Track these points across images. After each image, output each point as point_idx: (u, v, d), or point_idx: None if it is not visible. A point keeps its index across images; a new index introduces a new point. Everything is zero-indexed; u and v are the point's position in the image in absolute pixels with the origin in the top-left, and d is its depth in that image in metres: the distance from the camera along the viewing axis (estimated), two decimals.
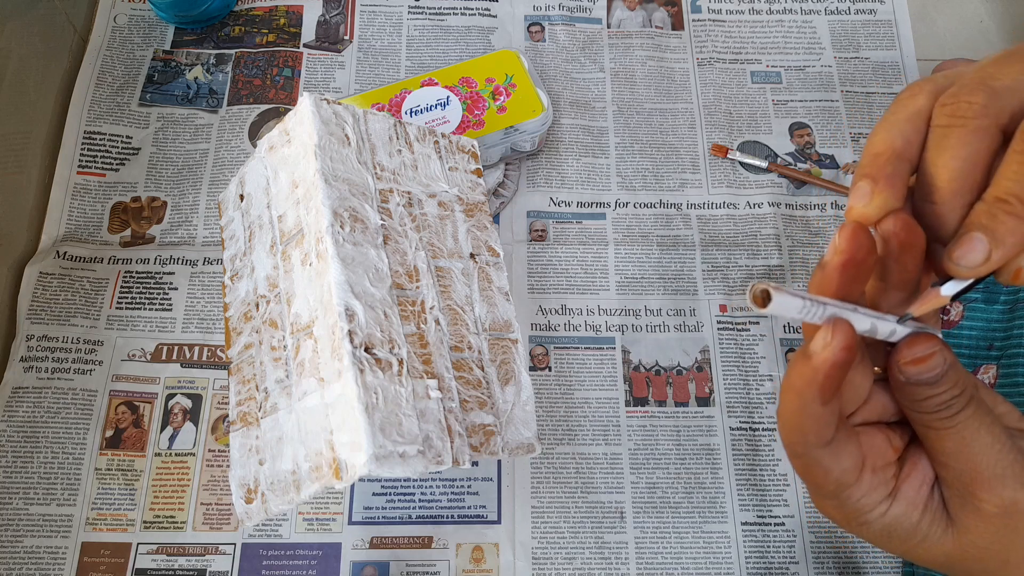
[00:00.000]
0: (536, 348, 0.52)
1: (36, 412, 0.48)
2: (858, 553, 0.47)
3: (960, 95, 0.21)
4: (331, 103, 0.39)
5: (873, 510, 0.23)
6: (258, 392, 0.39)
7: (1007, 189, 0.19)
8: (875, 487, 0.23)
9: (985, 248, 0.19)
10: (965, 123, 0.20)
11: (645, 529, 0.47)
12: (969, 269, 0.20)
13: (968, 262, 0.19)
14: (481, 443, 0.36)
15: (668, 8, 0.64)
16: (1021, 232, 0.19)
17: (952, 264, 0.20)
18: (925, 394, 0.22)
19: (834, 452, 0.23)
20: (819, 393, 0.21)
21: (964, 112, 0.21)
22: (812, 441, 0.22)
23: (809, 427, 0.22)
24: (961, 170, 0.20)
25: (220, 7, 0.61)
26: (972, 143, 0.20)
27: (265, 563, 0.46)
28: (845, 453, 0.23)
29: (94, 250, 0.53)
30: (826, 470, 0.23)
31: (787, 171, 0.57)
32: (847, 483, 0.23)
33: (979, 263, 0.19)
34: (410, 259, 0.39)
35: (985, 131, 0.20)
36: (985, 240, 0.19)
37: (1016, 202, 0.19)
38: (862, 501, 0.23)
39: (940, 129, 0.21)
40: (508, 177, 0.56)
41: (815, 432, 0.22)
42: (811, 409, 0.22)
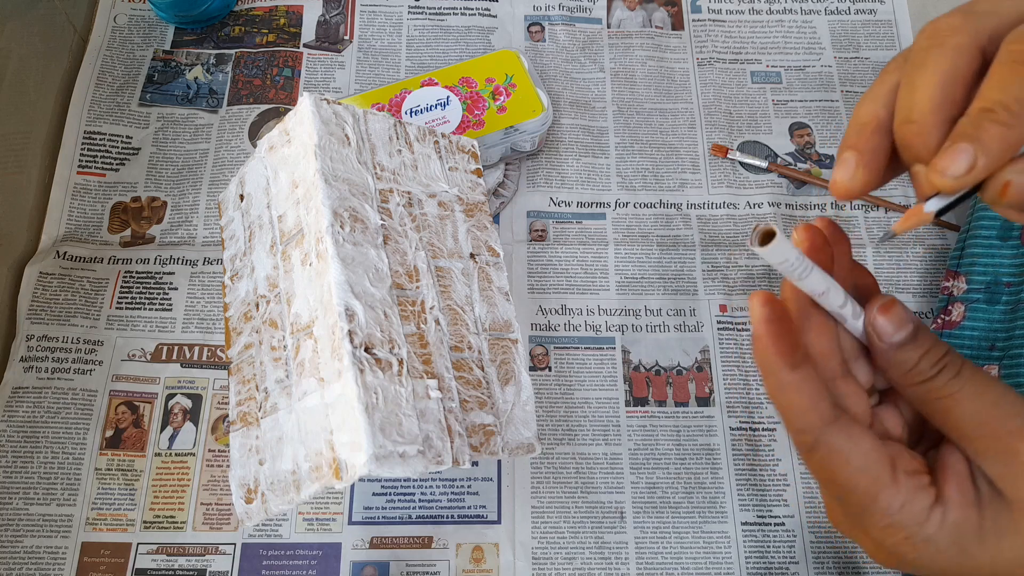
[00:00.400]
0: (536, 348, 0.52)
1: (36, 412, 0.48)
2: (858, 553, 0.47)
3: (940, 18, 0.21)
4: (331, 103, 0.39)
5: (927, 521, 0.22)
6: (258, 392, 0.39)
7: (991, 98, 0.19)
8: (916, 491, 0.22)
9: (971, 156, 0.19)
10: (943, 41, 0.20)
11: (645, 529, 0.47)
12: (955, 179, 0.19)
13: (954, 171, 0.19)
14: (481, 443, 0.36)
15: (668, 8, 0.64)
16: (1008, 139, 0.19)
17: (937, 175, 0.19)
18: (913, 358, 0.22)
19: (845, 432, 0.22)
20: (780, 357, 0.21)
21: (942, 31, 0.21)
22: (812, 418, 0.22)
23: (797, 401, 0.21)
24: (941, 86, 0.20)
25: (220, 7, 0.61)
26: (951, 60, 0.20)
27: (265, 563, 0.46)
28: (858, 435, 0.22)
29: (94, 250, 0.53)
30: (846, 458, 0.21)
31: (787, 171, 0.57)
32: (882, 479, 0.22)
33: (964, 171, 0.19)
34: (410, 259, 0.39)
35: (964, 49, 0.20)
36: (971, 148, 0.19)
37: (1001, 110, 0.19)
38: (909, 510, 0.22)
39: (919, 51, 0.21)
40: (508, 177, 0.56)
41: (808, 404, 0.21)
42: (787, 379, 0.21)
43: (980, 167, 0.19)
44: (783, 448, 0.49)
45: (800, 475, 0.49)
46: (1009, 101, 0.19)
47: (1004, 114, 0.19)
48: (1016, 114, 0.19)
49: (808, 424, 0.22)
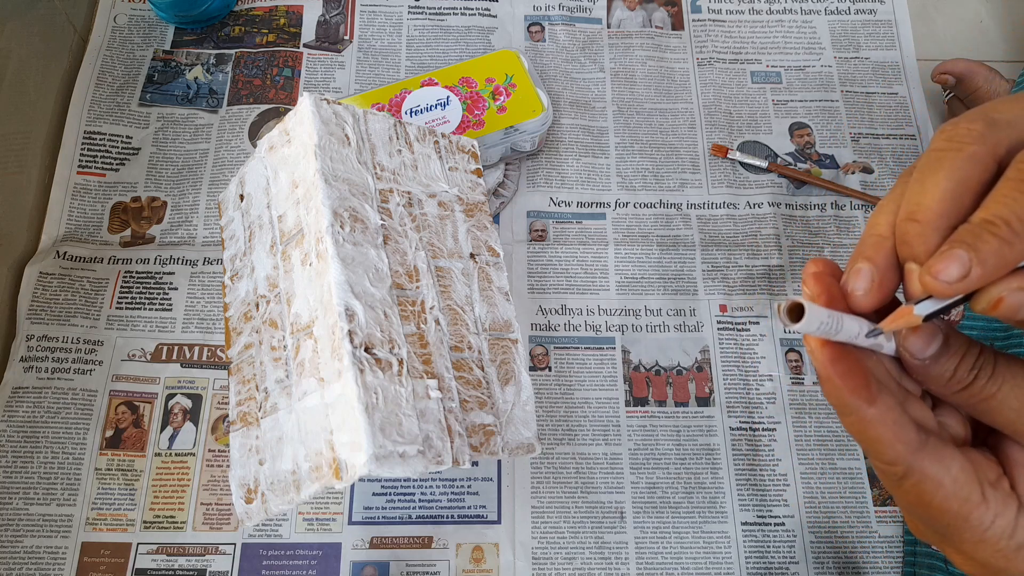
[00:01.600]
0: (536, 348, 0.52)
1: (36, 412, 0.48)
2: (858, 553, 0.47)
3: (960, 122, 0.21)
4: (331, 103, 0.39)
5: (1017, 529, 0.21)
6: (258, 392, 0.39)
7: (995, 212, 0.19)
8: (1004, 502, 0.22)
9: (966, 265, 0.19)
10: (960, 147, 0.20)
11: (645, 529, 0.47)
12: (948, 285, 0.19)
13: (947, 277, 0.19)
14: (481, 443, 0.36)
15: (668, 8, 0.64)
16: (1005, 255, 0.19)
17: (930, 278, 0.19)
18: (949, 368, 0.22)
19: (935, 456, 0.21)
20: (855, 395, 0.21)
21: (961, 137, 0.20)
22: (901, 449, 0.21)
23: (883, 435, 0.21)
24: (951, 192, 0.20)
25: (220, 7, 0.61)
26: (965, 168, 0.20)
27: (265, 563, 0.46)
28: (948, 456, 0.22)
29: (94, 250, 0.53)
30: (938, 483, 0.21)
31: (787, 171, 0.57)
32: (972, 500, 0.21)
33: (958, 279, 0.19)
34: (410, 259, 0.39)
35: (980, 159, 0.20)
36: (967, 257, 0.19)
37: (1003, 224, 0.19)
38: (999, 524, 0.21)
39: (935, 152, 0.21)
40: (508, 177, 0.56)
41: (894, 437, 0.21)
42: (868, 416, 0.21)
43: (974, 277, 0.19)
44: (783, 448, 0.49)
45: (800, 475, 0.49)
46: (1011, 218, 0.19)
47: (1005, 229, 0.19)
48: (1017, 232, 0.19)
49: (897, 455, 0.21)
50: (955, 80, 0.57)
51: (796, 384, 0.51)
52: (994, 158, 0.20)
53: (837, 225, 0.56)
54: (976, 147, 0.20)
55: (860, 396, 0.21)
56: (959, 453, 0.22)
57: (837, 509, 0.48)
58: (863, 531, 0.47)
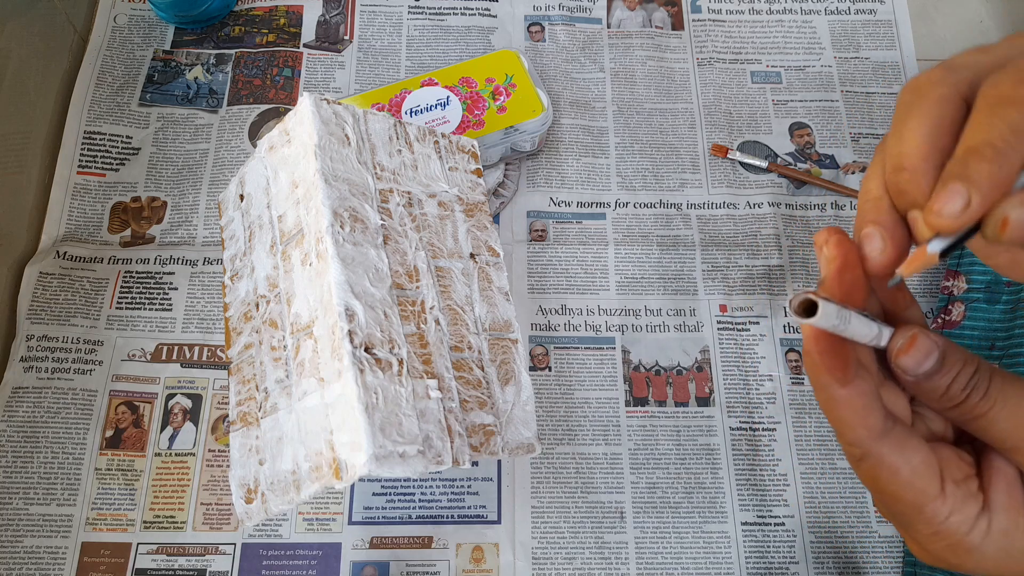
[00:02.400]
0: (536, 348, 0.52)
1: (36, 412, 0.48)
2: (858, 553, 0.47)
3: (920, 74, 0.22)
4: (331, 103, 0.39)
5: (973, 529, 0.22)
6: (258, 392, 0.39)
7: (976, 138, 0.20)
8: (964, 500, 0.22)
9: (964, 195, 0.19)
10: (926, 93, 0.21)
11: (645, 529, 0.47)
12: (952, 218, 0.19)
13: (949, 210, 0.19)
14: (481, 443, 0.36)
15: (668, 8, 0.64)
16: (997, 175, 0.19)
17: (934, 216, 0.20)
18: (942, 386, 0.22)
19: (896, 445, 0.22)
20: (831, 374, 0.21)
21: (923, 84, 0.21)
22: (862, 433, 0.22)
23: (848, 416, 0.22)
24: (928, 134, 0.21)
25: (220, 7, 0.61)
26: (935, 109, 0.21)
27: (265, 563, 0.46)
28: (910, 448, 0.22)
29: (94, 250, 0.53)
30: (895, 470, 0.22)
31: (787, 171, 0.57)
32: (929, 492, 0.22)
33: (960, 210, 0.19)
34: (410, 259, 0.39)
35: (947, 99, 0.21)
36: (963, 187, 0.19)
37: (987, 147, 0.19)
38: (955, 519, 0.22)
39: (904, 104, 0.22)
40: (508, 177, 0.56)
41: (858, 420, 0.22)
42: (837, 395, 0.22)
43: (975, 204, 0.19)
44: (783, 448, 0.49)
45: (800, 475, 0.49)
46: (993, 139, 0.19)
47: (990, 151, 0.19)
48: (1001, 151, 0.19)
49: (857, 438, 0.22)
50: None
51: (796, 384, 0.51)
52: (960, 96, 0.21)
53: (837, 225, 0.56)
54: (940, 89, 0.21)
55: (835, 375, 0.21)
56: (924, 446, 0.22)
57: (837, 509, 0.48)
58: (863, 531, 0.47)
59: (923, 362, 0.22)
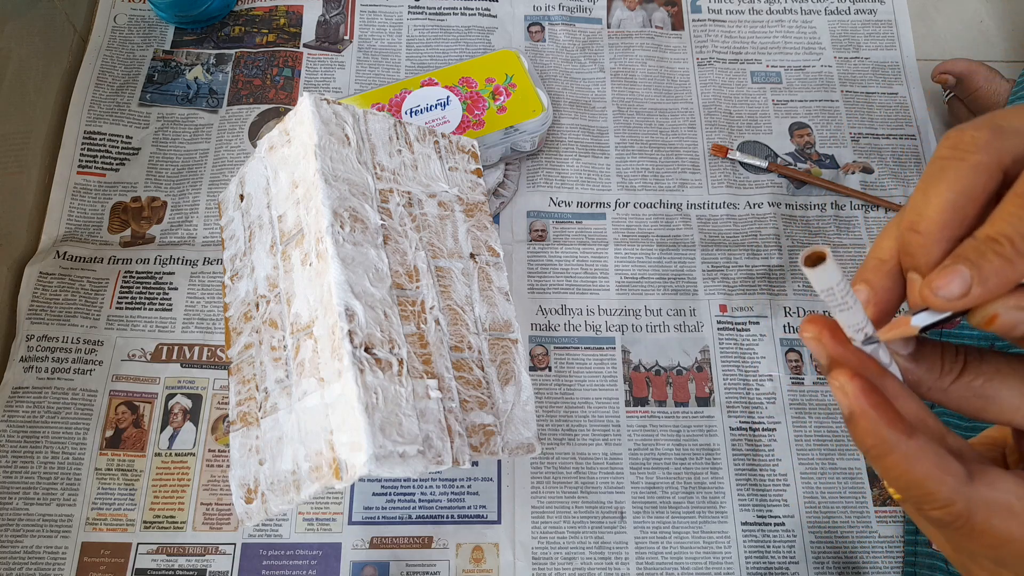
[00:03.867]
0: (536, 348, 0.52)
1: (36, 412, 0.48)
2: (858, 553, 0.47)
3: (966, 129, 0.20)
4: (331, 103, 0.39)
5: None
6: (258, 392, 0.39)
7: (1000, 230, 0.19)
8: None
9: (967, 282, 0.19)
10: (965, 156, 0.20)
11: (645, 529, 0.47)
12: (947, 300, 0.19)
13: (947, 293, 0.19)
14: (481, 443, 0.36)
15: (668, 8, 0.64)
16: (1006, 274, 0.18)
17: (930, 293, 0.19)
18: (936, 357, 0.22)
19: (988, 483, 0.20)
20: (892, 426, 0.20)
21: (966, 145, 0.20)
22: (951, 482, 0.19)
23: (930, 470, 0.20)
24: (953, 203, 0.20)
25: (220, 7, 0.61)
26: (969, 177, 0.20)
27: (265, 563, 0.46)
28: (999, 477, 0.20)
29: (94, 250, 0.53)
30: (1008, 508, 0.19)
31: (787, 171, 0.57)
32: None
33: (958, 296, 0.19)
34: (410, 259, 0.39)
35: (985, 168, 0.20)
36: (969, 275, 0.19)
37: (1007, 243, 0.18)
38: None
39: (939, 160, 0.20)
40: (508, 177, 0.56)
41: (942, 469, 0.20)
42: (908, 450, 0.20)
43: (974, 295, 0.19)
44: (783, 448, 0.49)
45: (800, 475, 0.49)
46: (1015, 236, 0.18)
47: (1008, 248, 0.18)
48: (1020, 251, 0.18)
49: (952, 491, 0.20)
50: (955, 80, 0.57)
51: (796, 384, 0.51)
52: (1000, 167, 0.20)
53: (837, 225, 0.56)
54: (981, 156, 0.20)
55: (898, 428, 0.20)
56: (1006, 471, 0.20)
57: (837, 509, 0.48)
58: (863, 531, 0.47)
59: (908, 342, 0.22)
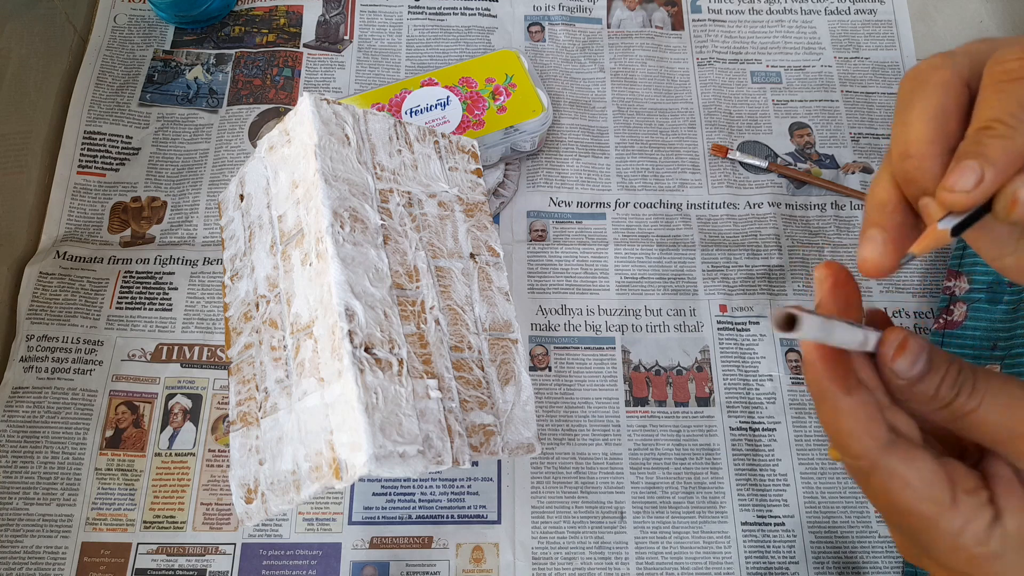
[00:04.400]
0: (536, 348, 0.52)
1: (36, 412, 0.48)
2: (858, 553, 0.47)
3: (919, 64, 0.22)
4: (331, 103, 0.39)
5: (990, 538, 0.21)
6: (258, 392, 0.39)
7: (987, 116, 0.20)
8: (977, 510, 0.21)
9: (977, 170, 0.19)
10: (928, 79, 0.21)
11: (645, 529, 0.47)
12: (965, 193, 0.19)
13: (964, 185, 0.19)
14: (481, 443, 0.36)
15: (668, 8, 0.64)
16: (1010, 150, 0.19)
17: (947, 192, 0.20)
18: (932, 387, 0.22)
19: (904, 456, 0.22)
20: (834, 383, 0.21)
21: (925, 72, 0.22)
22: (868, 443, 0.22)
23: (850, 426, 0.22)
24: (933, 120, 0.21)
25: (220, 7, 0.61)
26: (939, 94, 0.21)
27: (265, 563, 0.46)
28: (919, 459, 0.22)
29: (94, 250, 0.53)
30: (906, 481, 0.21)
31: (787, 171, 0.57)
32: (943, 503, 0.21)
33: (974, 184, 0.19)
34: (410, 259, 0.39)
35: (950, 84, 0.21)
36: (976, 163, 0.19)
37: (999, 124, 0.19)
38: (971, 530, 0.21)
39: (906, 93, 0.22)
40: (508, 177, 0.56)
41: (863, 429, 0.22)
42: (841, 404, 0.22)
43: (988, 179, 0.19)
44: (783, 448, 0.49)
45: (800, 475, 0.49)
46: (1003, 116, 0.19)
47: (1002, 127, 0.19)
48: (1013, 126, 0.19)
49: (864, 448, 0.22)
50: None
51: (796, 384, 0.51)
52: (961, 80, 0.21)
53: (837, 225, 0.56)
54: (942, 74, 0.21)
55: (838, 383, 0.21)
56: (931, 457, 0.22)
57: (837, 509, 0.48)
58: (863, 531, 0.47)
59: (915, 364, 0.22)
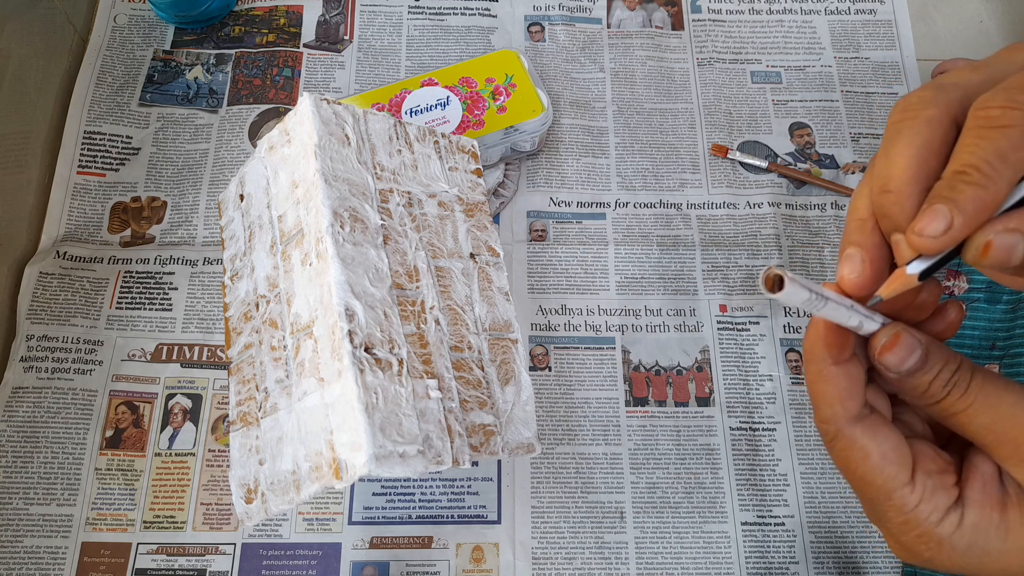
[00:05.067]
0: (536, 348, 0.52)
1: (36, 412, 0.48)
2: (858, 553, 0.47)
3: (911, 93, 0.22)
4: (331, 103, 0.39)
5: (944, 521, 0.22)
6: (258, 392, 0.39)
7: (964, 161, 0.20)
8: (934, 491, 0.22)
9: (947, 216, 0.19)
10: (917, 113, 0.21)
11: (645, 529, 0.47)
12: (933, 238, 0.19)
13: (932, 231, 0.19)
14: (481, 443, 0.36)
15: (668, 8, 0.64)
16: (982, 199, 0.19)
17: (915, 236, 0.20)
18: (924, 382, 0.22)
19: (870, 430, 0.23)
20: (827, 349, 0.22)
21: (915, 104, 0.21)
22: (839, 411, 0.22)
23: (829, 393, 0.22)
24: (916, 156, 0.21)
25: (220, 7, 0.61)
26: (925, 131, 0.21)
27: (265, 563, 0.46)
28: (882, 434, 0.23)
29: (94, 250, 0.53)
30: (866, 452, 0.22)
31: (787, 171, 0.57)
32: (899, 478, 0.22)
33: (942, 231, 0.19)
34: (410, 259, 0.39)
35: (937, 121, 0.21)
36: (947, 209, 0.19)
37: (974, 171, 0.19)
38: (924, 508, 0.22)
39: (893, 124, 0.22)
40: (508, 177, 0.56)
41: (838, 400, 0.22)
42: (825, 373, 0.22)
43: (957, 226, 0.19)
44: (783, 448, 0.49)
45: (800, 475, 0.49)
46: (980, 163, 0.19)
47: (977, 175, 0.19)
48: (988, 175, 0.19)
49: (834, 415, 0.23)
50: None
51: (796, 384, 0.51)
52: (950, 118, 0.21)
53: (837, 225, 0.56)
54: (931, 110, 0.21)
55: (831, 350, 0.22)
56: (898, 435, 0.23)
57: (837, 509, 0.48)
58: (863, 531, 0.47)
59: (906, 359, 0.22)
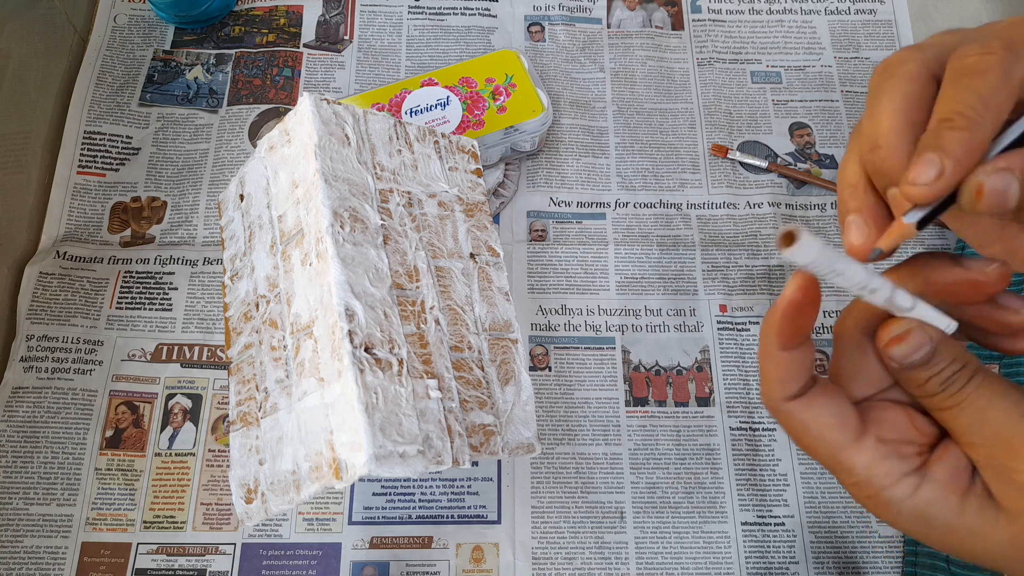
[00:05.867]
0: (536, 348, 0.52)
1: (36, 412, 0.48)
2: (858, 553, 0.47)
3: (889, 56, 0.23)
4: (331, 103, 0.39)
5: (895, 486, 0.22)
6: (258, 392, 0.39)
7: (947, 108, 0.20)
8: (886, 457, 0.23)
9: (937, 163, 0.20)
10: (896, 70, 0.22)
11: (645, 529, 0.47)
12: (927, 186, 0.20)
13: (924, 179, 0.20)
14: (481, 443, 0.36)
15: (668, 8, 0.64)
16: (970, 143, 0.19)
17: (909, 186, 0.20)
18: (924, 376, 0.22)
19: (804, 403, 0.23)
20: (776, 337, 0.22)
21: (894, 63, 0.22)
22: (776, 391, 0.23)
23: (771, 372, 0.23)
24: (900, 110, 0.21)
25: (220, 7, 0.61)
26: (907, 85, 0.22)
27: (265, 563, 0.46)
28: (820, 405, 0.23)
29: (94, 250, 0.53)
30: (804, 427, 0.23)
31: (787, 171, 0.57)
32: (839, 444, 0.23)
33: (934, 178, 0.20)
34: (410, 259, 0.39)
35: (917, 75, 0.22)
36: (936, 156, 0.20)
37: (958, 117, 0.20)
38: (872, 471, 0.22)
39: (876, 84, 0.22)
40: (508, 177, 0.56)
41: (777, 380, 0.23)
42: (772, 354, 0.23)
43: (948, 171, 0.20)
44: (783, 448, 0.49)
45: (800, 475, 0.49)
46: (963, 108, 0.20)
47: (961, 120, 0.20)
48: (972, 119, 0.20)
49: (772, 392, 0.23)
50: None
51: None
52: (929, 72, 0.22)
53: (837, 225, 0.56)
54: (910, 66, 0.22)
55: (781, 337, 0.22)
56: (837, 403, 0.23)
57: (837, 509, 0.48)
58: (863, 531, 0.47)
59: (911, 355, 0.22)
